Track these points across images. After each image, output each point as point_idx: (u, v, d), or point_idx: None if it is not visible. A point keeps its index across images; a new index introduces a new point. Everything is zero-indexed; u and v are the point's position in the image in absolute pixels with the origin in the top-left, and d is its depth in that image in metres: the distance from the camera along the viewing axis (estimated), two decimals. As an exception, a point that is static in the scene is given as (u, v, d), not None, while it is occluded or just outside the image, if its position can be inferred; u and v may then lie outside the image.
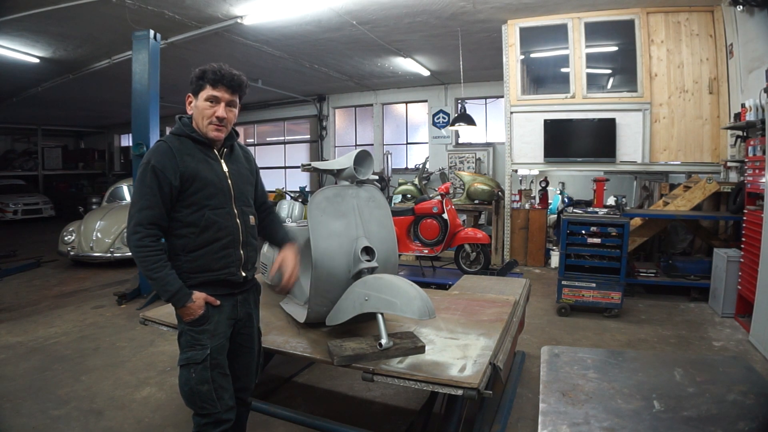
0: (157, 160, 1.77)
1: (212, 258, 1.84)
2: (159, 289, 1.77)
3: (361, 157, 2.40)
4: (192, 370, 1.80)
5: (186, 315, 1.80)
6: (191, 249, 1.82)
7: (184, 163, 1.79)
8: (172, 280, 1.76)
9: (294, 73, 9.63)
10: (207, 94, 1.81)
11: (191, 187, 1.80)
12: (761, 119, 4.34)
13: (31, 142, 17.01)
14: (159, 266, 1.75)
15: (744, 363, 2.35)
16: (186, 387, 1.82)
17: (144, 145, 5.18)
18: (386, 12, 6.19)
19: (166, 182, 1.76)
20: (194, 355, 1.81)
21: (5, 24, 6.09)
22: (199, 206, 1.82)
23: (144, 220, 1.75)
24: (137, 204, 1.77)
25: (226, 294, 1.89)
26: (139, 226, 1.75)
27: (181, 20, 6.24)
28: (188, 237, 1.82)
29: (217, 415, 1.82)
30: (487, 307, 2.85)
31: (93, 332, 4.31)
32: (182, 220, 1.82)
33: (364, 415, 2.84)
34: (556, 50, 6.89)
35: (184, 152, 1.82)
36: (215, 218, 1.83)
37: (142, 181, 1.77)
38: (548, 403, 1.88)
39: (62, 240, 7.05)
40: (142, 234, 1.75)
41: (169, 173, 1.76)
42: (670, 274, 5.19)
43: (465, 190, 7.01)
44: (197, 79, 1.83)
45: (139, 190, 1.77)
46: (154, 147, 1.84)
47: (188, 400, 1.84)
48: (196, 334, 1.82)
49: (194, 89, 1.85)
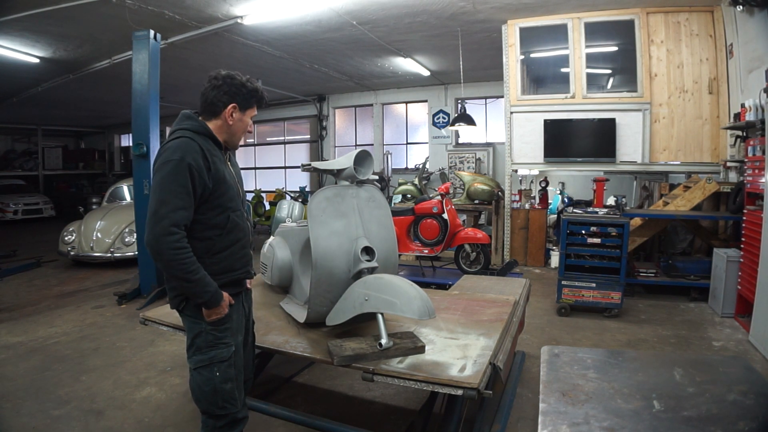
0: (193, 159, 1.70)
1: (235, 259, 1.88)
2: (198, 290, 1.73)
3: (361, 157, 2.40)
4: (216, 369, 1.80)
5: (215, 314, 1.80)
6: (217, 251, 1.82)
7: (214, 164, 1.77)
8: (209, 281, 1.75)
9: (294, 73, 9.63)
10: (253, 114, 1.89)
11: (219, 189, 1.79)
12: (761, 119, 4.34)
13: (31, 142, 17.02)
14: (197, 268, 1.72)
15: (744, 363, 2.35)
16: (208, 387, 1.79)
17: (144, 145, 5.18)
18: (386, 12, 6.19)
19: (201, 183, 1.72)
20: (219, 354, 1.81)
21: (5, 24, 6.09)
22: (223, 208, 1.82)
23: (180, 221, 1.68)
24: (170, 203, 1.66)
25: (238, 292, 1.94)
26: (175, 227, 1.67)
27: (181, 20, 6.24)
28: (212, 239, 1.80)
29: (234, 414, 1.84)
30: (487, 307, 2.85)
31: (93, 332, 4.31)
32: (207, 222, 1.79)
33: (364, 415, 2.84)
34: (556, 50, 6.89)
35: (211, 153, 1.79)
36: (237, 220, 1.87)
37: (175, 179, 1.67)
38: (548, 403, 1.88)
39: (62, 240, 7.05)
40: (179, 235, 1.68)
41: (203, 173, 1.72)
42: (670, 274, 5.19)
43: (465, 190, 7.01)
44: (249, 96, 1.84)
45: (171, 188, 1.67)
46: (183, 144, 1.72)
47: (209, 401, 1.81)
48: (219, 333, 1.83)
49: (243, 104, 1.84)
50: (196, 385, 1.82)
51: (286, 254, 2.85)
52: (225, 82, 1.80)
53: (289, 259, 2.85)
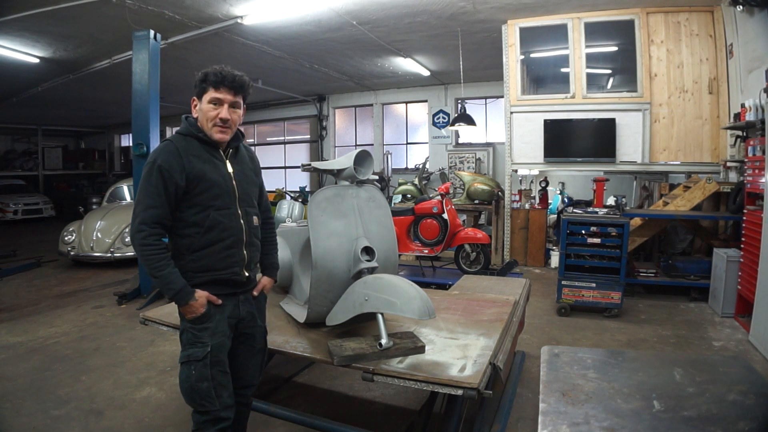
0: (163, 160, 1.78)
1: (216, 258, 1.86)
2: (162, 287, 1.80)
3: (361, 157, 2.40)
4: (192, 367, 1.82)
5: (188, 313, 1.83)
6: (196, 249, 1.84)
7: (190, 163, 1.81)
8: (175, 279, 1.78)
9: (294, 73, 9.63)
10: (210, 97, 1.83)
11: (197, 188, 1.82)
12: (761, 119, 4.34)
13: (31, 142, 17.02)
14: (162, 264, 1.77)
15: (744, 363, 2.35)
16: (186, 384, 1.84)
17: (144, 145, 5.18)
18: (386, 12, 6.19)
19: (171, 182, 1.77)
20: (195, 353, 1.83)
21: (5, 24, 6.09)
22: (203, 206, 1.84)
23: (149, 219, 1.77)
24: (142, 203, 1.78)
25: (228, 293, 1.91)
26: (143, 225, 1.76)
27: (181, 20, 6.24)
28: (193, 237, 1.84)
29: (215, 413, 1.84)
30: (487, 307, 2.85)
31: (93, 332, 4.31)
32: (186, 220, 1.84)
33: (364, 415, 2.84)
34: (556, 50, 6.89)
35: (191, 152, 1.83)
36: (220, 219, 1.85)
37: (148, 180, 1.78)
38: (548, 403, 1.88)
39: (62, 240, 7.05)
40: (146, 233, 1.77)
41: (175, 173, 1.77)
42: (670, 274, 5.19)
43: (465, 190, 7.01)
44: (200, 82, 1.85)
45: (145, 189, 1.78)
46: (160, 146, 1.84)
47: (188, 396, 1.86)
48: (197, 332, 1.84)
49: (198, 92, 1.87)
50: (180, 380, 1.87)
51: (286, 254, 2.85)
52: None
53: (289, 259, 2.85)
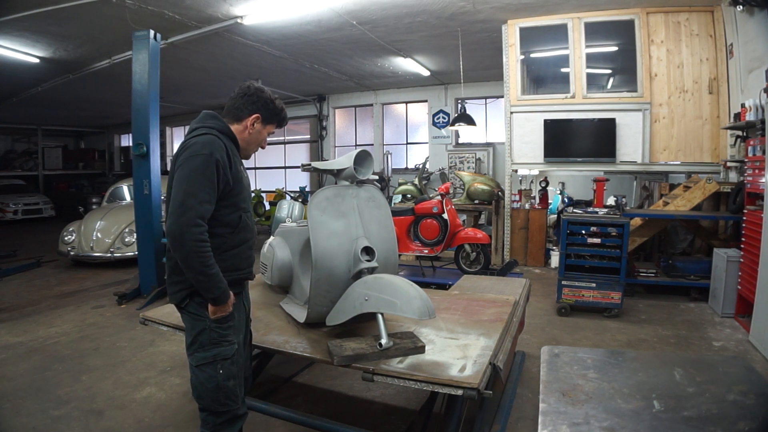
0: (220, 156, 1.76)
1: (241, 258, 1.92)
2: (210, 285, 1.74)
3: (361, 157, 2.40)
4: (219, 367, 1.81)
5: (221, 312, 1.81)
6: (226, 248, 1.85)
7: (235, 164, 1.85)
8: (222, 278, 1.78)
9: (294, 73, 9.63)
10: (271, 129, 2.00)
11: (235, 188, 1.85)
12: (761, 119, 4.34)
13: (31, 142, 17.02)
14: (213, 263, 1.74)
15: (744, 363, 2.35)
16: (211, 384, 1.80)
17: (144, 145, 5.18)
18: (386, 12, 6.19)
19: (224, 180, 1.78)
20: (222, 351, 1.82)
21: (5, 24, 6.09)
22: (236, 207, 1.87)
23: (206, 214, 1.73)
24: (197, 196, 1.70)
25: (240, 291, 1.97)
26: (201, 219, 1.70)
27: (181, 20, 6.24)
28: (224, 236, 1.85)
29: (235, 411, 1.86)
30: (487, 307, 2.85)
31: (93, 332, 4.31)
32: (221, 219, 1.83)
33: (364, 415, 2.84)
34: (556, 50, 6.88)
35: (232, 152, 1.86)
36: (247, 220, 1.92)
37: (203, 172, 1.71)
38: (548, 403, 1.88)
39: (62, 240, 7.05)
40: (203, 228, 1.71)
41: (227, 170, 1.79)
42: (670, 274, 5.19)
43: (465, 190, 7.01)
44: (274, 114, 1.96)
45: (199, 181, 1.71)
46: (209, 140, 1.77)
47: (211, 398, 1.82)
48: (222, 331, 1.84)
49: (266, 118, 1.94)
50: (199, 383, 1.82)
51: (286, 254, 2.85)
52: (255, 93, 1.92)
53: (289, 259, 2.85)
